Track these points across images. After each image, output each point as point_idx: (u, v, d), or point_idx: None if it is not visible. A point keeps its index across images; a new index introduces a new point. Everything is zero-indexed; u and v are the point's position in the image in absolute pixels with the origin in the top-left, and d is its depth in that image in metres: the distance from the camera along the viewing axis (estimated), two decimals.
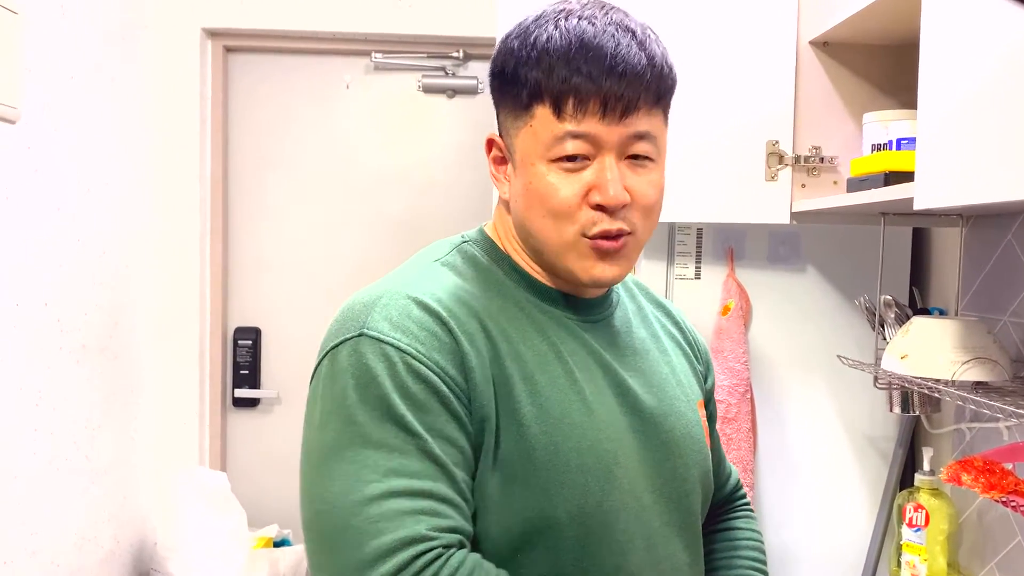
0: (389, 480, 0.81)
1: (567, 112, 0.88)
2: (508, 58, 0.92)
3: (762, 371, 1.89)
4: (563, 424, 0.90)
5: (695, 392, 1.06)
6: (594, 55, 0.87)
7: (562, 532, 0.89)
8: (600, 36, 0.88)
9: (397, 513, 0.80)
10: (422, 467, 0.82)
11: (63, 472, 1.93)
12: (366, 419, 0.84)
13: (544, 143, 0.90)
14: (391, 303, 0.89)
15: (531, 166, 0.91)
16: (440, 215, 2.54)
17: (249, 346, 2.55)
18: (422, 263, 0.97)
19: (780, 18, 1.69)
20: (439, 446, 0.84)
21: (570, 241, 0.91)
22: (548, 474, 0.88)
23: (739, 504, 1.19)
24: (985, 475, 1.37)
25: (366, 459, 0.82)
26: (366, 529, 0.80)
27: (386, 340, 0.86)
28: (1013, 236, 1.59)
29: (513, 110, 0.93)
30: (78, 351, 1.99)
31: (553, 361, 0.92)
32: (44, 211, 1.84)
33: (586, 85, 0.87)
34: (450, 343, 0.87)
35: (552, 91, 0.88)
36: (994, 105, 1.05)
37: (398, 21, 2.43)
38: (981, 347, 1.39)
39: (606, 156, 0.89)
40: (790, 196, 1.70)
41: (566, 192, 0.90)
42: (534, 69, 0.89)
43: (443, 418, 0.85)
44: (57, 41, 1.88)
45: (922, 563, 1.67)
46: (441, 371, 0.86)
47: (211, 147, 2.48)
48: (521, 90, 0.91)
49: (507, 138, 0.95)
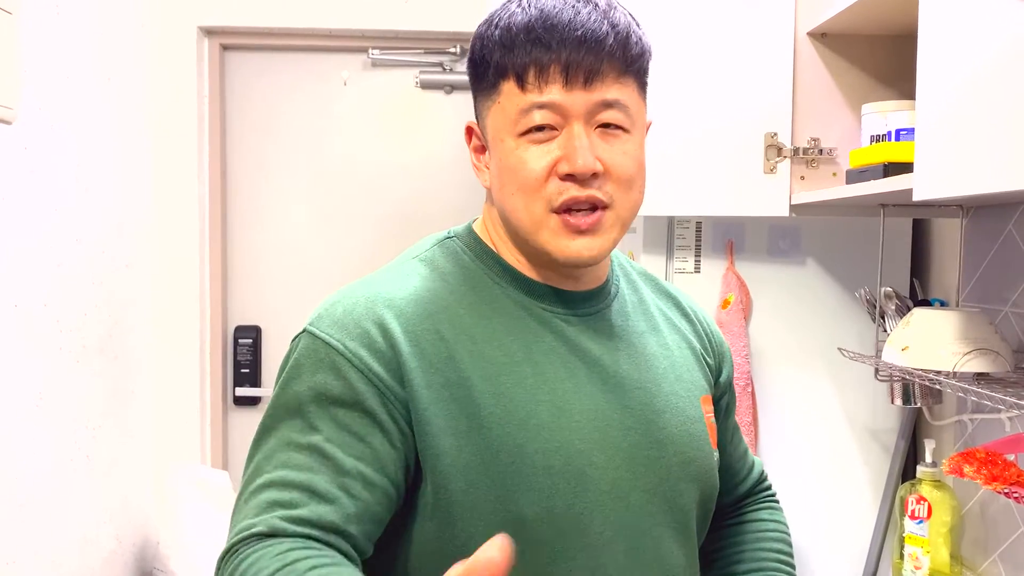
0: (275, 471, 0.84)
1: (529, 83, 0.88)
2: (476, 43, 0.93)
3: (763, 364, 1.88)
4: (528, 425, 0.88)
5: (699, 386, 1.02)
6: (553, 24, 0.87)
7: (531, 534, 0.87)
8: (560, 7, 0.88)
9: (263, 503, 0.83)
10: (307, 460, 0.84)
11: (64, 472, 1.93)
12: (280, 412, 0.88)
13: (511, 118, 0.89)
14: (343, 301, 0.91)
15: (501, 143, 0.91)
16: (439, 210, 2.54)
17: (249, 344, 2.55)
18: (400, 260, 0.98)
19: (778, 9, 1.68)
20: (340, 440, 0.85)
21: (540, 217, 0.90)
22: (513, 476, 0.87)
23: (764, 496, 1.16)
24: (987, 467, 1.36)
25: (268, 450, 0.86)
26: (238, 516, 0.84)
27: (319, 335, 0.89)
28: (1014, 226, 1.58)
29: (483, 92, 0.93)
30: (78, 351, 1.98)
31: (522, 361, 0.91)
32: (42, 211, 1.84)
33: (546, 55, 0.87)
34: (383, 344, 0.87)
35: (514, 65, 0.88)
36: (993, 95, 1.05)
37: (395, 17, 2.42)
38: (982, 338, 1.38)
39: (573, 124, 0.88)
40: (789, 188, 1.69)
41: (533, 164, 0.89)
42: (497, 48, 0.90)
43: (355, 414, 0.86)
44: (53, 41, 1.87)
45: (925, 555, 1.66)
46: (365, 367, 0.86)
47: (209, 145, 2.48)
48: (486, 70, 0.91)
49: (482, 122, 0.95)
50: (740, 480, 1.14)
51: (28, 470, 1.78)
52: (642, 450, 0.94)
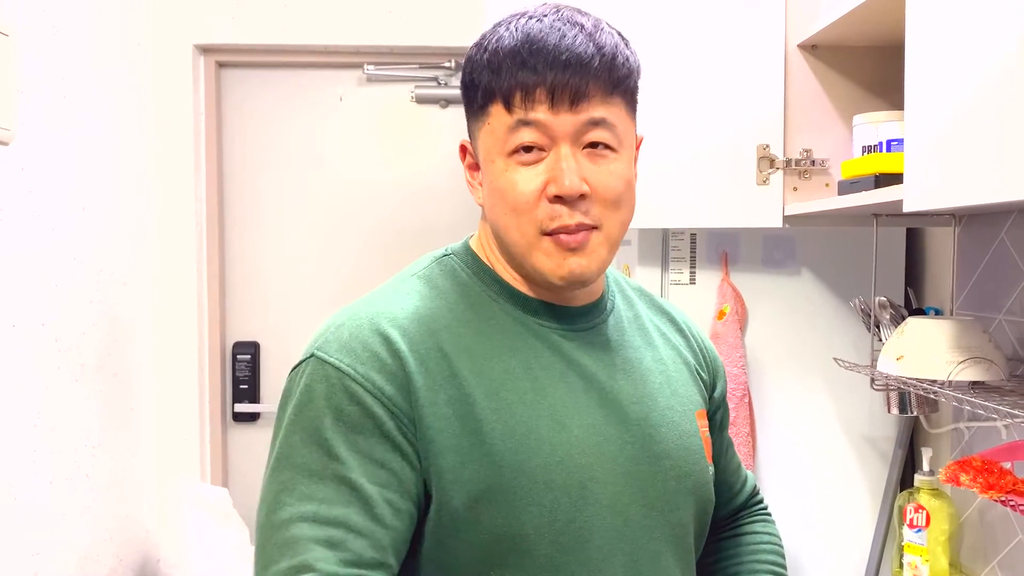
0: (302, 505, 0.83)
1: (516, 105, 0.89)
2: (467, 65, 0.95)
3: (759, 375, 1.89)
4: (529, 440, 0.89)
5: (694, 402, 1.03)
6: (538, 48, 0.89)
7: (532, 550, 0.88)
8: (546, 31, 0.90)
9: (299, 539, 0.82)
10: (335, 493, 0.83)
11: (64, 491, 1.93)
12: (296, 440, 0.86)
13: (500, 138, 0.91)
14: (346, 324, 0.91)
15: (492, 163, 0.92)
16: (436, 225, 2.54)
17: (248, 360, 2.55)
18: (399, 278, 0.98)
19: (768, 22, 1.70)
20: (364, 469, 0.84)
21: (531, 239, 0.91)
22: (515, 491, 0.87)
23: (757, 509, 1.17)
24: (984, 475, 1.37)
25: (287, 481, 0.85)
26: (272, 553, 0.83)
27: (329, 361, 0.88)
28: (1006, 234, 1.59)
29: (474, 113, 0.95)
30: (76, 370, 1.99)
31: (522, 377, 0.91)
32: (39, 231, 1.84)
33: (531, 78, 0.88)
34: (392, 364, 0.87)
35: (501, 88, 0.90)
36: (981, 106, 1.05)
37: (390, 33, 2.44)
38: (977, 347, 1.39)
39: (561, 146, 0.89)
40: (782, 199, 1.70)
41: (524, 187, 0.90)
42: (485, 70, 0.91)
43: (373, 439, 0.85)
44: (49, 61, 1.89)
45: (924, 564, 1.67)
46: (378, 391, 0.86)
47: (206, 163, 2.49)
48: (476, 92, 0.92)
49: (474, 142, 0.97)
50: (734, 494, 1.15)
51: (27, 489, 1.78)
52: (639, 464, 0.94)
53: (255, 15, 2.42)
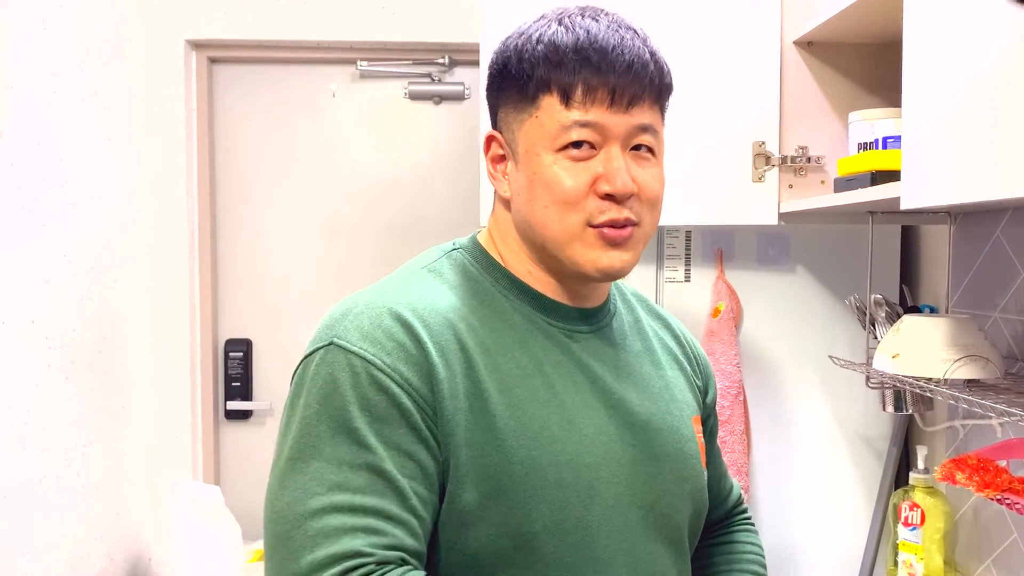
0: (332, 495, 0.82)
1: (575, 101, 0.90)
2: (510, 55, 0.94)
3: (754, 372, 1.88)
4: (541, 437, 0.89)
5: (691, 407, 1.05)
6: (602, 46, 0.90)
7: (541, 547, 0.88)
8: (606, 32, 0.91)
9: (335, 529, 0.80)
10: (368, 482, 0.82)
11: (54, 490, 1.91)
12: (322, 430, 0.84)
13: (550, 133, 0.91)
14: (365, 312, 0.89)
15: (536, 156, 0.92)
16: (430, 221, 2.53)
17: (240, 358, 2.54)
18: (409, 270, 0.97)
19: (764, 19, 1.69)
20: (393, 460, 0.83)
21: (575, 231, 0.91)
22: (526, 488, 0.87)
23: (741, 519, 1.19)
24: (979, 473, 1.36)
25: (315, 471, 0.83)
26: (304, 543, 0.81)
27: (352, 350, 0.86)
28: (1001, 232, 1.58)
29: (517, 104, 0.93)
30: (67, 367, 1.97)
31: (534, 374, 0.92)
32: (29, 227, 1.83)
33: (595, 75, 0.89)
34: (417, 354, 0.87)
35: (561, 81, 0.90)
36: (978, 103, 1.05)
37: (383, 29, 2.42)
38: (972, 345, 1.38)
39: (612, 146, 0.91)
40: (778, 197, 1.70)
41: (573, 181, 0.90)
42: (541, 62, 0.91)
43: (402, 431, 0.85)
44: (39, 56, 1.87)
45: (919, 562, 1.66)
46: (405, 383, 0.85)
47: (198, 159, 2.47)
48: (527, 83, 0.92)
49: (508, 133, 0.95)
50: (721, 502, 1.16)
51: (17, 488, 1.77)
52: (640, 467, 0.95)
53: (247, 10, 2.40)
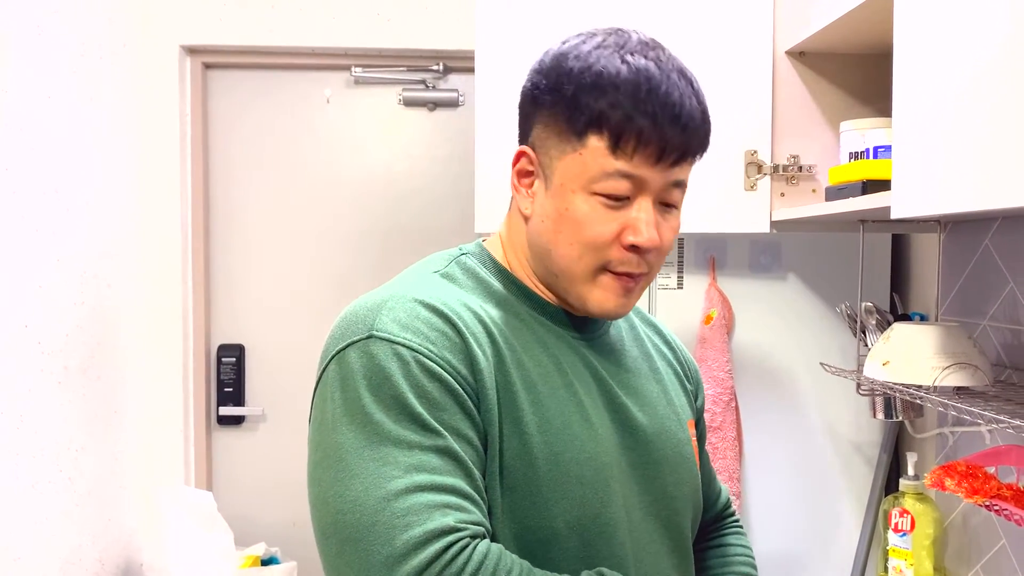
0: (412, 475, 0.80)
1: (624, 150, 0.88)
2: (565, 79, 0.90)
3: (746, 379, 1.89)
4: (564, 434, 0.90)
5: (685, 412, 1.07)
6: (662, 100, 0.88)
7: (561, 543, 0.89)
8: (666, 81, 0.89)
9: (424, 507, 0.79)
10: (442, 463, 0.82)
11: (46, 495, 1.91)
12: (383, 418, 0.83)
13: (590, 175, 0.90)
14: (397, 306, 0.88)
15: (571, 193, 0.91)
16: (423, 228, 2.54)
17: (233, 363, 2.53)
18: (420, 274, 0.97)
19: (756, 29, 1.70)
20: (457, 443, 0.84)
21: (591, 273, 0.93)
22: (548, 484, 0.88)
23: (729, 521, 1.20)
24: (968, 480, 1.37)
25: (386, 456, 0.81)
26: (394, 523, 0.79)
27: (397, 340, 0.85)
28: (990, 241, 1.60)
29: (561, 132, 0.91)
30: (60, 372, 1.97)
31: (553, 372, 0.93)
32: (23, 232, 1.83)
33: (650, 129, 0.88)
34: (460, 343, 0.87)
35: (614, 126, 0.88)
36: (968, 114, 1.06)
37: (378, 35, 2.43)
38: (962, 352, 1.40)
39: (645, 199, 0.91)
40: (769, 205, 1.71)
41: (602, 228, 0.90)
42: (598, 99, 0.88)
43: (458, 416, 0.85)
44: (34, 61, 1.87)
45: (908, 568, 1.67)
46: (454, 370, 0.85)
47: (191, 164, 2.47)
48: (578, 116, 0.89)
49: (544, 156, 0.93)
50: (711, 504, 1.18)
51: (9, 492, 1.76)
52: (642, 471, 0.97)
53: (242, 16, 2.40)
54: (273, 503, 2.49)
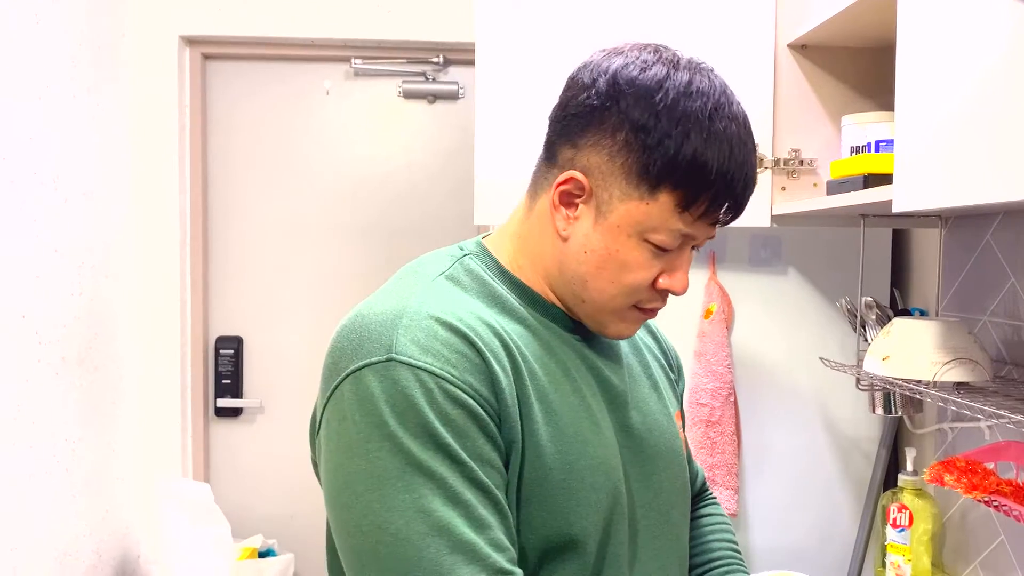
0: (449, 509, 0.80)
1: (693, 213, 0.89)
2: (649, 117, 0.87)
3: (745, 374, 1.89)
4: (576, 443, 0.90)
5: (674, 404, 1.08)
6: (738, 170, 0.88)
7: (578, 550, 0.89)
8: (742, 147, 0.89)
9: (470, 543, 0.80)
10: (474, 496, 0.82)
11: (43, 486, 1.91)
12: (414, 447, 0.81)
13: (651, 225, 0.89)
14: (413, 324, 0.86)
15: (625, 237, 0.90)
16: (422, 220, 2.53)
17: (231, 355, 2.53)
18: (425, 277, 0.94)
19: (758, 22, 1.70)
20: (484, 472, 0.83)
21: (620, 308, 0.94)
22: (564, 493, 0.88)
23: (707, 496, 1.23)
24: (967, 475, 1.37)
25: (422, 487, 0.81)
26: (441, 561, 0.79)
27: (419, 365, 0.83)
28: (991, 236, 1.59)
29: (630, 175, 0.89)
30: (57, 363, 1.97)
31: (562, 379, 0.92)
32: (20, 222, 1.82)
33: (724, 195, 0.88)
34: (480, 364, 0.85)
35: (691, 189, 0.88)
36: (971, 108, 1.06)
37: (378, 27, 2.42)
38: (962, 348, 1.39)
39: (689, 250, 0.93)
40: (770, 199, 1.70)
41: (645, 274, 0.92)
42: (683, 152, 0.87)
43: (481, 441, 0.84)
44: (32, 50, 1.86)
45: (906, 563, 1.67)
46: (476, 393, 0.84)
47: (190, 156, 2.47)
48: (655, 161, 0.87)
49: (602, 191, 0.90)
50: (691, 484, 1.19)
51: (5, 483, 1.76)
52: (639, 467, 0.98)
53: (242, 7, 2.40)
54: (270, 495, 2.49)
